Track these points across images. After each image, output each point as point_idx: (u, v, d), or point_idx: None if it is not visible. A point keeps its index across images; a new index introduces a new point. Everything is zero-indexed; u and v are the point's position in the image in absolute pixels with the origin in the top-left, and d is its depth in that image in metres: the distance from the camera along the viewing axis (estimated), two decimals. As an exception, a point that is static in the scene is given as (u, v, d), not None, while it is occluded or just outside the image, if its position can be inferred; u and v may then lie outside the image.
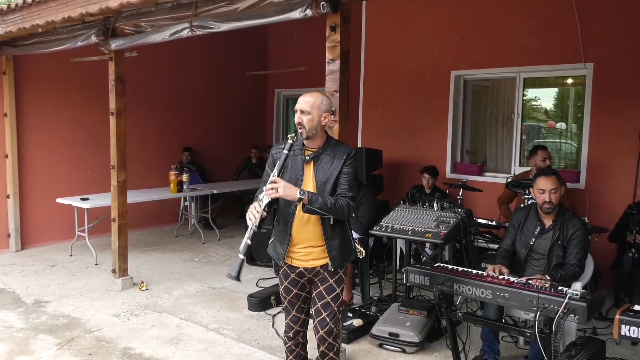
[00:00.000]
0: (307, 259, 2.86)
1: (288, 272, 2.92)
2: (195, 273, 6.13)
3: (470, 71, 6.71)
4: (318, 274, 2.90)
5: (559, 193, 3.73)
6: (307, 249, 2.84)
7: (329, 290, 2.90)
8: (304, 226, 2.82)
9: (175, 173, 7.26)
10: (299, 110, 2.79)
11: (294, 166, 2.81)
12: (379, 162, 6.77)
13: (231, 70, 9.45)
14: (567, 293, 2.99)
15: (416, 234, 4.35)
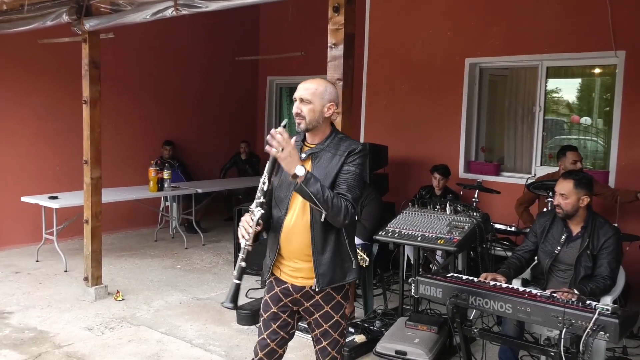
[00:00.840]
0: (296, 275, 2.73)
1: (273, 284, 2.80)
2: (177, 282, 6.10)
3: (486, 59, 6.71)
4: (309, 297, 2.73)
5: (571, 201, 3.73)
6: (295, 264, 2.72)
7: (326, 318, 2.74)
8: (291, 234, 2.69)
9: (155, 170, 7.24)
10: (298, 98, 2.65)
11: None
12: (384, 159, 6.76)
13: (218, 56, 9.43)
14: (596, 308, 2.98)
15: (427, 240, 4.33)
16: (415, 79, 7.19)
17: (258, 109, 10.22)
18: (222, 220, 9.21)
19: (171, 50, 8.84)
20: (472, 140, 6.99)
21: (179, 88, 9.02)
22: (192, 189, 7.63)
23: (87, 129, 5.37)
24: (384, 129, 7.45)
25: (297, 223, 2.67)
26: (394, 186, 7.06)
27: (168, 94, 8.88)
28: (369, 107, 7.60)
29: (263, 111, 10.12)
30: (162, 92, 8.80)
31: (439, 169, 6.15)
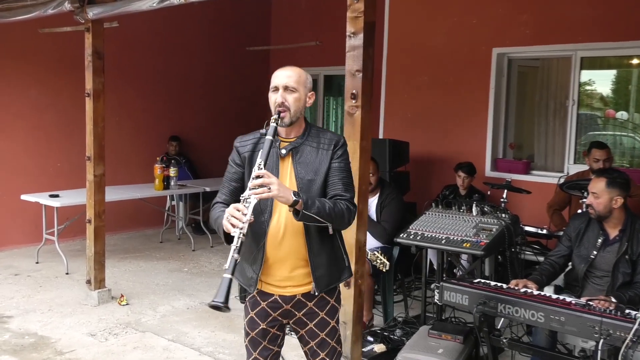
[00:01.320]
0: (285, 284, 2.65)
1: (258, 299, 2.69)
2: (184, 286, 6.13)
3: (516, 49, 6.66)
4: (301, 306, 2.68)
5: (603, 200, 3.69)
6: (285, 271, 2.64)
7: (322, 325, 2.70)
8: (281, 240, 2.60)
9: (160, 167, 7.27)
10: (281, 86, 2.58)
11: (269, 162, 2.56)
12: (405, 156, 6.75)
13: (227, 46, 9.45)
14: (636, 317, 2.95)
15: (451, 244, 4.32)
16: (439, 71, 7.16)
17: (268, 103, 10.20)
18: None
19: (178, 41, 8.87)
20: (499, 136, 6.94)
21: (186, 80, 9.06)
22: (200, 187, 7.66)
23: (90, 123, 5.41)
24: (404, 123, 7.42)
25: (286, 227, 2.59)
26: (416, 185, 7.03)
27: (174, 87, 8.91)
28: (388, 100, 7.58)
29: (275, 104, 10.12)
30: (168, 85, 8.84)
31: (464, 167, 6.12)
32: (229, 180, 2.68)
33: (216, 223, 2.54)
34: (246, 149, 2.66)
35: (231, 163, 2.69)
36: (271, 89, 2.63)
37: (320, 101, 9.65)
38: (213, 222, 2.57)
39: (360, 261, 3.67)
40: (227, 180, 2.68)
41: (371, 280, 4.98)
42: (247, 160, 2.64)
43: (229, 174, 2.68)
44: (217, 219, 2.53)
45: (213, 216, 2.59)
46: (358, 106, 3.59)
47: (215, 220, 2.56)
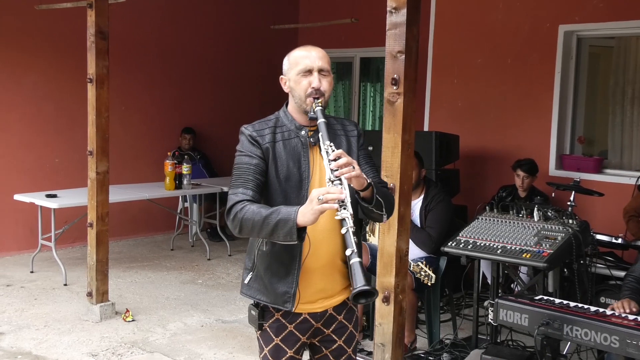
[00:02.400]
0: (316, 298, 2.68)
1: (284, 322, 2.70)
2: (199, 300, 6.18)
3: (586, 25, 6.58)
4: (331, 321, 2.73)
5: None
6: (320, 282, 2.67)
7: (350, 340, 2.79)
8: (319, 244, 2.61)
9: (172, 163, 7.34)
10: (316, 69, 2.61)
11: (291, 153, 2.62)
12: (454, 152, 6.71)
13: (249, 24, 9.52)
14: None
15: (509, 254, 4.29)
16: (494, 52, 7.10)
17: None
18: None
19: (192, 19, 8.96)
20: (566, 129, 6.86)
21: (202, 64, 9.14)
22: (217, 186, 7.72)
23: (93, 112, 5.49)
24: (454, 114, 7.38)
25: (324, 224, 2.57)
26: (467, 186, 6.99)
27: (189, 72, 9.00)
28: (435, 86, 7.54)
29: (303, 92, 10.14)
30: (182, 70, 8.93)
31: (524, 165, 6.07)
32: (254, 174, 2.57)
33: (264, 223, 2.41)
34: (266, 139, 2.64)
35: (250, 154, 2.61)
36: (300, 71, 2.62)
37: (356, 88, 9.65)
38: (252, 224, 2.44)
39: (401, 273, 3.66)
40: (249, 173, 2.57)
41: (414, 295, 4.96)
42: (270, 153, 2.62)
43: (251, 167, 2.58)
44: (267, 218, 2.41)
45: (250, 217, 2.45)
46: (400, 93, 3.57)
47: (260, 220, 2.42)
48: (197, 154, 8.70)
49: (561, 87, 6.74)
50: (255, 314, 2.71)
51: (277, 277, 2.63)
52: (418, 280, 4.84)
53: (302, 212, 2.35)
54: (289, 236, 2.37)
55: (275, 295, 2.63)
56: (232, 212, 2.49)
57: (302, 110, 2.63)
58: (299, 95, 2.62)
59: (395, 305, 3.59)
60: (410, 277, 4.78)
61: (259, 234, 2.45)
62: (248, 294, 2.72)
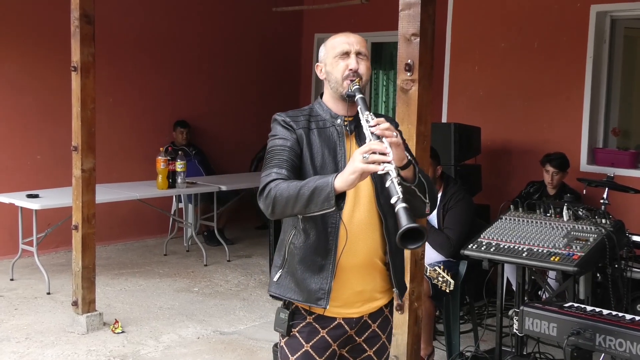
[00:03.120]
0: (354, 300, 2.74)
1: (316, 327, 2.75)
2: (194, 310, 6.20)
3: (621, 5, 6.58)
4: (364, 329, 2.80)
5: None
6: (358, 283, 2.74)
7: (380, 352, 2.86)
8: (357, 238, 2.69)
9: (164, 159, 7.35)
10: (353, 52, 2.75)
11: (326, 142, 2.73)
12: (475, 146, 6.71)
13: (249, 7, 9.54)
14: None
15: (535, 257, 4.28)
16: (519, 35, 7.10)
17: (302, 78, 10.26)
18: (254, 228, 9.32)
19: (186, 1, 8.96)
20: (599, 120, 6.87)
21: (197, 51, 9.16)
22: (214, 185, 7.73)
23: (77, 104, 5.49)
24: (474, 103, 7.38)
25: (362, 217, 2.70)
26: (489, 183, 6.99)
27: (183, 60, 9.02)
28: (454, 73, 7.54)
29: (309, 80, 10.15)
30: (176, 57, 8.95)
31: (553, 160, 6.07)
32: (288, 155, 2.66)
33: (300, 194, 2.46)
34: (300, 125, 2.74)
35: (284, 136, 2.70)
36: (337, 54, 2.75)
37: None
38: (286, 197, 2.49)
39: (416, 279, 3.67)
40: (283, 154, 2.66)
41: (431, 303, 4.96)
42: (304, 139, 2.71)
43: (286, 148, 2.67)
44: (302, 188, 2.46)
45: (283, 191, 2.50)
46: (414, 80, 3.58)
47: (295, 191, 2.47)
48: (193, 150, 8.72)
49: (593, 73, 6.73)
50: (284, 317, 2.74)
51: (310, 273, 2.68)
52: (435, 286, 4.84)
53: (341, 174, 2.41)
54: (326, 202, 2.41)
55: (309, 292, 2.67)
56: (265, 191, 2.55)
57: (339, 95, 2.74)
58: (335, 78, 2.74)
59: (410, 314, 3.60)
60: (426, 283, 4.79)
61: (294, 208, 2.49)
62: (277, 293, 2.76)
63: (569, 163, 6.17)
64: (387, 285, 2.79)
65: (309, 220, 2.65)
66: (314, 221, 2.64)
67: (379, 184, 2.70)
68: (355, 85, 2.69)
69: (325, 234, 2.66)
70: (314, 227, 2.66)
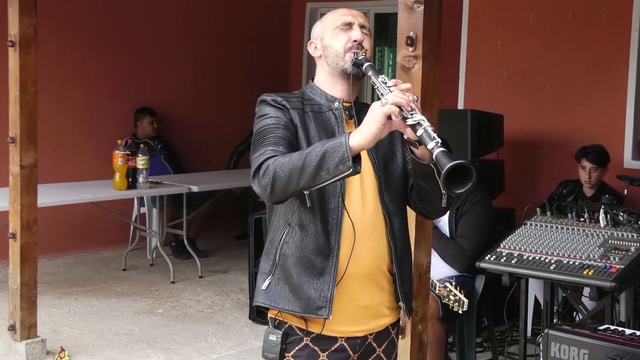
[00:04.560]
0: (360, 315, 2.80)
1: (314, 349, 2.80)
2: (158, 336, 6.20)
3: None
4: (369, 353, 2.87)
5: None
6: (364, 295, 2.79)
7: None
8: (361, 240, 2.75)
9: (123, 154, 7.32)
10: (357, 25, 2.87)
11: (323, 128, 2.80)
12: (498, 138, 6.71)
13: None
14: None
15: (565, 271, 4.31)
16: (551, 4, 7.11)
17: (292, 55, 10.26)
18: (232, 238, 9.32)
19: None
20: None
21: (166, 24, 9.15)
22: (184, 185, 7.71)
23: (16, 87, 5.47)
24: (496, 87, 7.39)
25: (370, 217, 2.77)
26: (514, 182, 6.99)
27: (149, 36, 9.02)
28: (472, 51, 7.54)
29: (300, 58, 10.14)
30: (140, 31, 8.94)
31: (591, 154, 6.07)
32: (284, 132, 2.70)
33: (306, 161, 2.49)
34: (294, 105, 2.79)
35: (276, 115, 2.74)
36: (338, 25, 2.85)
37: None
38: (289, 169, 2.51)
39: (420, 296, 3.67)
40: (278, 132, 2.70)
41: (441, 327, 4.97)
42: (299, 121, 2.77)
43: (280, 126, 2.72)
44: (308, 155, 2.50)
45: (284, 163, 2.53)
46: (417, 57, 3.58)
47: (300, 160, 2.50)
48: (159, 143, 8.68)
49: (639, 50, 6.74)
50: (276, 339, 2.76)
51: (308, 277, 2.71)
52: (446, 306, 4.84)
53: (357, 130, 2.48)
54: (341, 165, 2.44)
55: (307, 300, 2.70)
56: (260, 170, 2.57)
57: (339, 70, 2.82)
58: (335, 52, 2.83)
59: (413, 338, 3.60)
60: (436, 302, 4.79)
61: (300, 181, 2.50)
62: (266, 303, 2.77)
63: (610, 157, 6.17)
64: (394, 300, 2.86)
65: (307, 212, 2.69)
66: (312, 214, 2.69)
67: (383, 179, 2.78)
68: (362, 55, 2.78)
69: (326, 230, 2.70)
70: (312, 222, 2.70)
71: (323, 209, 2.70)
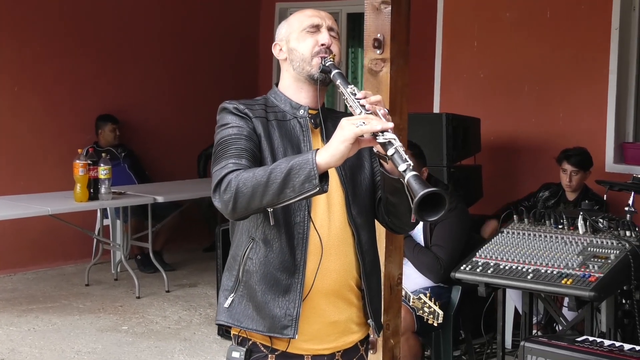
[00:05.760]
0: (327, 333, 2.81)
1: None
2: (122, 354, 6.17)
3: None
4: None
5: None
6: (331, 311, 2.80)
7: None
8: (328, 255, 2.75)
9: (84, 164, 7.29)
10: (325, 28, 2.85)
11: (288, 137, 2.78)
12: (474, 142, 6.74)
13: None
14: None
15: (543, 280, 4.31)
16: (528, 3, 7.15)
17: (261, 57, 10.25)
18: (201, 250, 9.30)
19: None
20: (628, 108, 6.92)
21: (128, 27, 9.12)
22: (149, 196, 7.68)
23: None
24: (473, 89, 7.43)
25: (337, 230, 2.77)
26: (492, 188, 7.02)
27: (108, 38, 8.98)
28: (448, 52, 7.58)
29: (269, 60, 10.12)
30: (102, 33, 8.90)
31: (572, 157, 6.10)
32: (246, 143, 2.68)
33: (271, 178, 2.47)
34: (256, 113, 2.77)
35: (239, 124, 2.72)
36: (305, 27, 2.84)
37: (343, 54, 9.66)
38: (252, 184, 2.50)
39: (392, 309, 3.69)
40: (240, 143, 2.67)
41: (416, 341, 4.98)
42: (262, 130, 2.74)
43: (242, 137, 2.69)
44: (273, 171, 2.48)
45: (248, 178, 2.51)
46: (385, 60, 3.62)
47: (264, 176, 2.49)
48: (122, 152, 8.66)
49: (620, 49, 6.78)
50: (239, 356, 2.75)
51: (272, 294, 2.70)
52: (421, 319, 4.85)
53: (324, 148, 2.47)
54: (307, 183, 2.44)
55: (272, 319, 2.70)
56: (222, 185, 2.55)
57: (305, 76, 2.80)
58: (301, 56, 2.80)
59: (385, 353, 3.62)
60: (410, 315, 4.81)
61: (263, 198, 2.49)
62: (229, 322, 2.76)
63: (592, 161, 6.21)
64: (363, 315, 2.86)
65: (271, 226, 2.68)
66: (277, 228, 2.68)
67: (350, 191, 2.77)
68: (330, 61, 2.76)
69: (291, 245, 2.70)
70: (277, 237, 2.69)
71: (288, 223, 2.69)
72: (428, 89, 7.50)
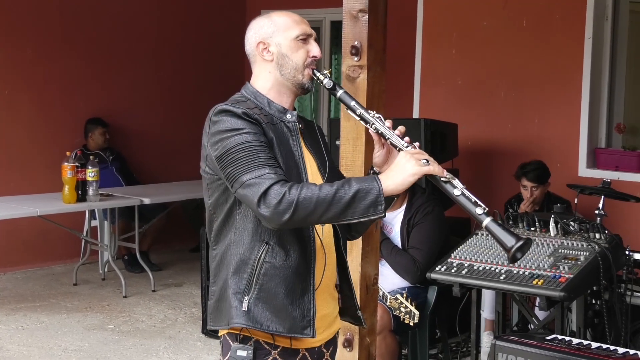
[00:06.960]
0: (320, 325, 2.84)
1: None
2: (108, 351, 6.17)
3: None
4: (320, 357, 2.94)
5: None
6: (325, 305, 2.89)
7: None
8: (328, 255, 2.87)
9: (72, 167, 7.28)
10: (313, 37, 2.90)
11: (281, 141, 2.77)
12: (452, 146, 6.76)
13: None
14: None
15: (515, 280, 4.33)
16: (505, 12, 7.17)
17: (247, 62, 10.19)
18: (187, 250, 9.30)
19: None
20: (601, 114, 6.94)
21: (117, 32, 9.11)
22: (136, 197, 7.68)
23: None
24: (451, 95, 7.44)
25: (327, 230, 2.87)
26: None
27: (101, 40, 8.97)
28: (427, 59, 7.59)
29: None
30: (91, 37, 8.89)
31: (529, 172, 6.08)
32: (270, 150, 2.67)
33: (335, 197, 2.51)
34: (262, 118, 2.75)
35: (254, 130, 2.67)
36: (297, 35, 2.84)
37: (326, 61, 9.68)
38: (316, 201, 2.52)
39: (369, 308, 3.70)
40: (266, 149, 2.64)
41: (393, 339, 5.00)
42: (274, 138, 2.74)
43: (265, 144, 2.66)
44: (338, 192, 2.52)
45: (310, 194, 2.52)
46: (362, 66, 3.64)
47: (329, 195, 2.52)
48: (110, 155, 8.65)
49: (593, 57, 6.80)
50: (247, 355, 2.75)
51: (292, 297, 2.74)
52: (398, 319, 4.86)
53: (390, 177, 2.57)
54: (372, 208, 2.53)
55: (293, 320, 2.73)
56: (271, 194, 2.52)
57: (294, 83, 2.83)
58: (294, 64, 2.82)
59: (361, 351, 3.63)
60: (387, 314, 4.82)
61: (325, 214, 2.54)
62: (249, 324, 2.70)
63: (550, 172, 6.19)
64: (339, 308, 2.99)
65: (287, 231, 2.69)
66: (290, 233, 2.70)
67: None
68: (327, 76, 2.81)
69: (303, 248, 2.75)
70: (292, 241, 2.73)
71: (300, 227, 2.72)
72: (408, 95, 7.51)
